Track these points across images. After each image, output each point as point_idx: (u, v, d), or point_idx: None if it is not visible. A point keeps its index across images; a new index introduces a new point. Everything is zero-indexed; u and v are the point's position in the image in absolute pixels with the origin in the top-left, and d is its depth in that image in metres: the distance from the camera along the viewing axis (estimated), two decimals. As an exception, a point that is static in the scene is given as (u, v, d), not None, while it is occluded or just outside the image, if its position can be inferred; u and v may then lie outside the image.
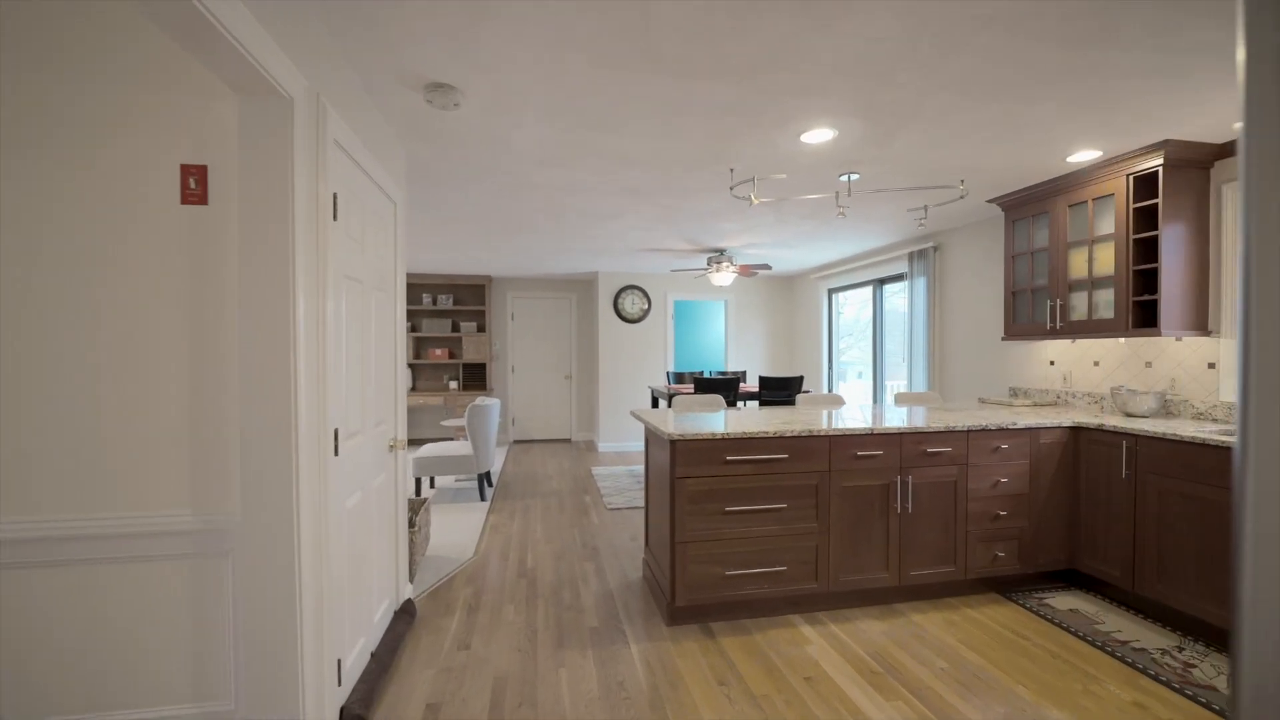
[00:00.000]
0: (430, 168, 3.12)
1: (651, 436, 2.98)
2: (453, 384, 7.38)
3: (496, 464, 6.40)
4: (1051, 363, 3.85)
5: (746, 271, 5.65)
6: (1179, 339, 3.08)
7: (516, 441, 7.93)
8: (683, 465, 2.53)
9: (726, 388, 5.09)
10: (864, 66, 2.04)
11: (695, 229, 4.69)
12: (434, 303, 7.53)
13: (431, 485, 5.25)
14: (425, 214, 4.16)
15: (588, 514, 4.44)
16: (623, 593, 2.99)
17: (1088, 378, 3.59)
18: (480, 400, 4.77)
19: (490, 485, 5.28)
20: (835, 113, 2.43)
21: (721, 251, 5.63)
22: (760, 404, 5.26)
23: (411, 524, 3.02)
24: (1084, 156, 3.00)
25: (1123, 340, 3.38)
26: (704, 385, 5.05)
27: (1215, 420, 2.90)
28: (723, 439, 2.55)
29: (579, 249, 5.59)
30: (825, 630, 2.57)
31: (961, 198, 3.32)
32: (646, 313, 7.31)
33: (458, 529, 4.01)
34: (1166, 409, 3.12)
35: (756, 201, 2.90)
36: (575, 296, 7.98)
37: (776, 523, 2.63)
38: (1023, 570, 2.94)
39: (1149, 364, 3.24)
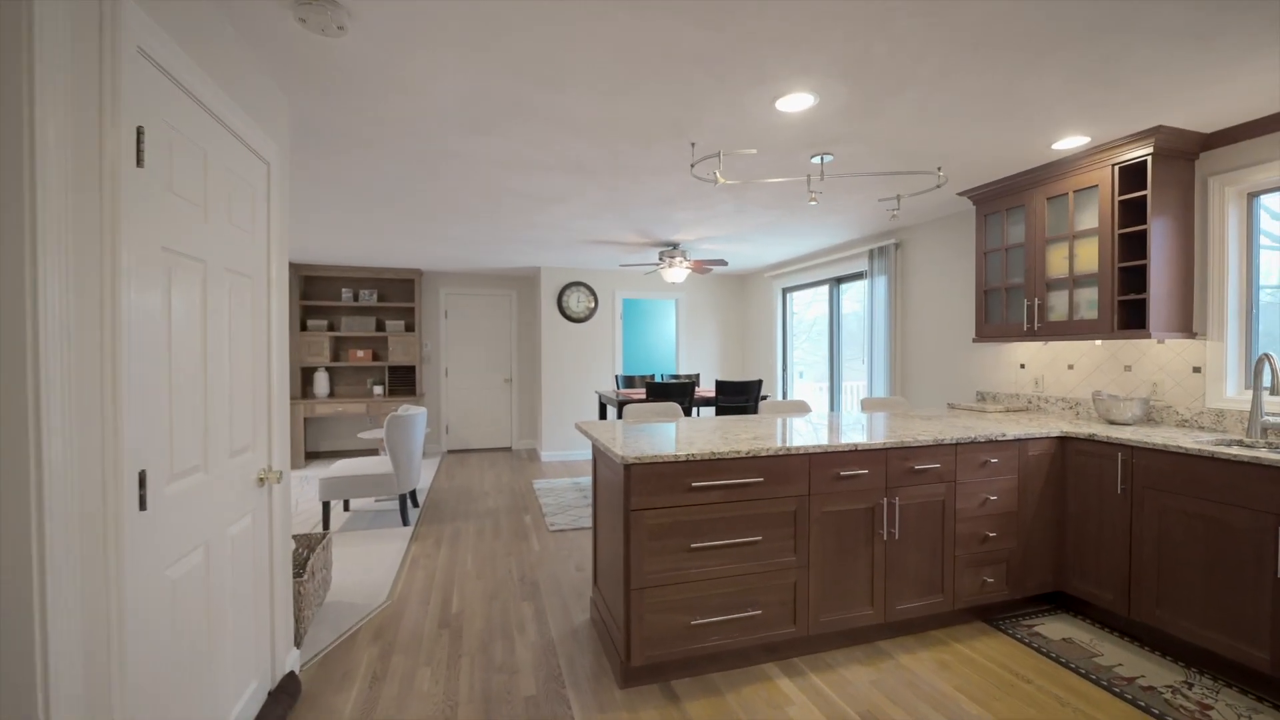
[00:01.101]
0: (326, 127, 2.53)
1: (600, 455, 2.52)
2: (377, 389, 6.64)
3: (425, 479, 5.74)
4: (1022, 366, 3.66)
5: (700, 267, 5.27)
6: (1161, 341, 2.91)
7: (451, 451, 7.25)
8: (640, 494, 2.07)
9: (681, 393, 4.68)
10: (862, 5, 1.66)
11: (647, 218, 4.25)
12: (355, 298, 6.75)
13: (346, 508, 4.57)
14: (330, 191, 3.52)
15: (527, 538, 3.91)
16: (567, 642, 2.50)
17: (1061, 382, 3.41)
18: (402, 410, 4.14)
19: (415, 506, 4.65)
20: (819, 71, 2.04)
21: (674, 245, 5.22)
22: (717, 411, 4.89)
23: (301, 571, 2.43)
24: (1070, 144, 2.77)
25: (1099, 342, 3.20)
26: (656, 390, 4.63)
27: (1202, 428, 2.73)
28: (687, 461, 2.11)
29: (518, 240, 5.04)
30: (807, 683, 2.18)
31: (939, 186, 3.04)
32: (593, 311, 6.82)
33: (371, 564, 3.40)
34: (1149, 416, 2.95)
35: (722, 181, 2.49)
36: (515, 293, 7.39)
37: (751, 558, 2.22)
38: (1011, 596, 2.66)
39: (1128, 368, 3.06)
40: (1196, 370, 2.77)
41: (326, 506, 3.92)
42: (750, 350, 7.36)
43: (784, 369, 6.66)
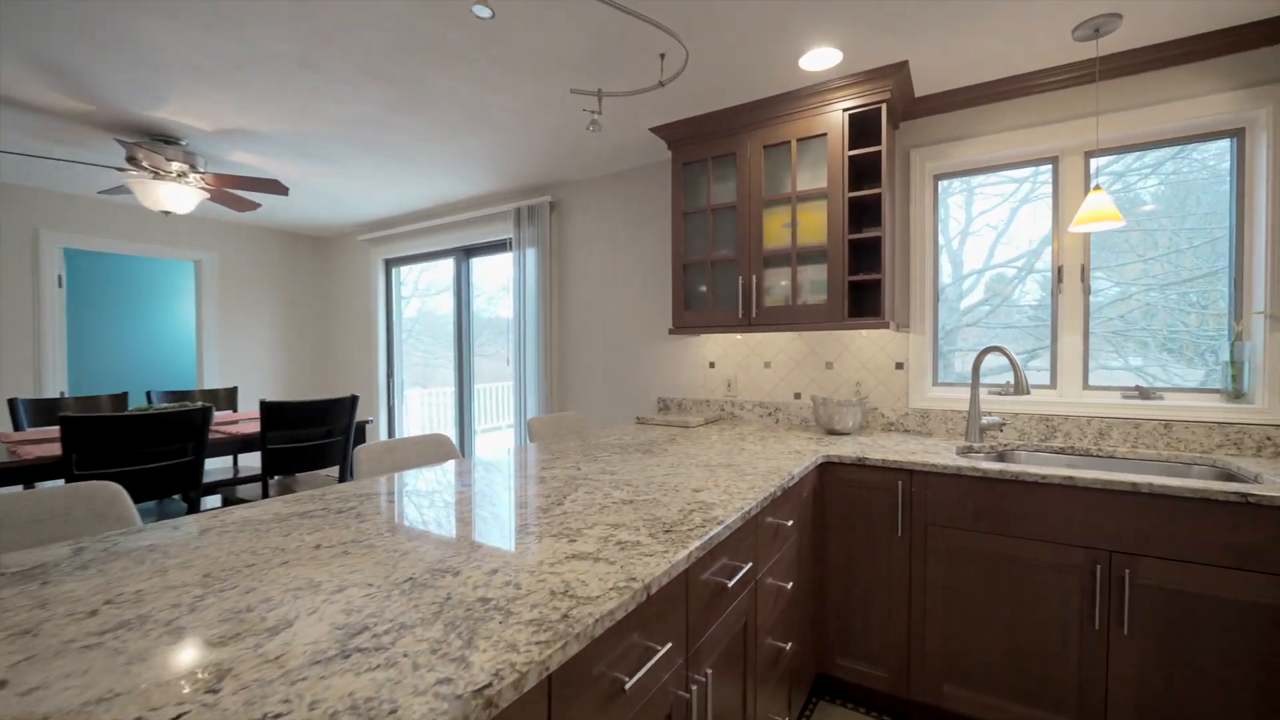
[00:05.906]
0: None
1: None
2: None
3: None
4: (711, 365, 2.96)
5: (227, 191, 2.89)
6: (864, 335, 2.54)
7: None
8: None
9: (174, 436, 2.28)
10: None
11: (62, 18, 1.78)
12: None
13: None
14: None
15: None
16: None
17: (756, 384, 2.82)
18: None
19: None
20: None
21: (172, 140, 2.68)
22: (267, 463, 2.64)
23: None
24: (820, 61, 2.04)
25: (794, 335, 2.70)
26: (102, 430, 2.10)
27: (908, 431, 2.42)
28: None
29: None
30: None
31: (663, 84, 1.92)
32: (-28, 267, 3.31)
33: None
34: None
35: None
36: None
37: None
38: (793, 717, 1.73)
39: (830, 365, 2.62)
40: (899, 366, 2.47)
41: None
42: (338, 352, 5.07)
43: (390, 377, 4.71)
